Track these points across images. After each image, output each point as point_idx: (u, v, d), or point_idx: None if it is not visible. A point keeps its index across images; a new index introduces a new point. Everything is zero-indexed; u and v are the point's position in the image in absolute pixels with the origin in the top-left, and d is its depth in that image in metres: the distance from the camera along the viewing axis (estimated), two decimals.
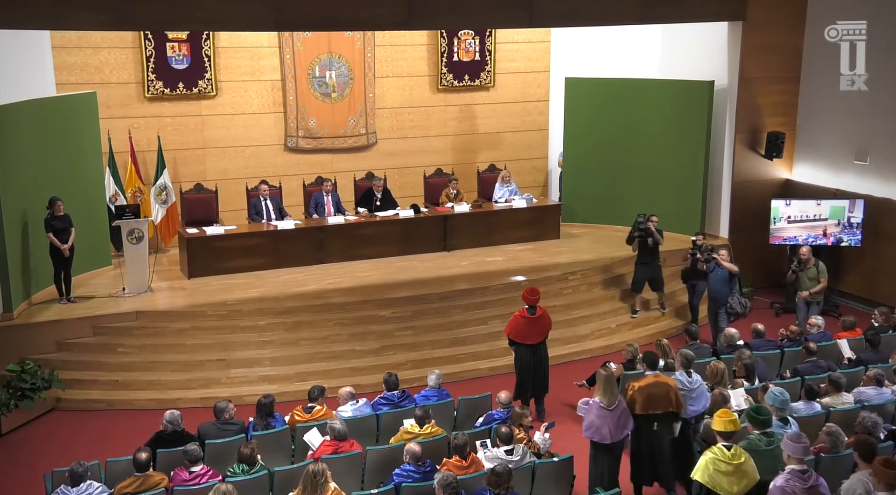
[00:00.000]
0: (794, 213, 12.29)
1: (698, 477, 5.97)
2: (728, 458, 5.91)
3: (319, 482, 5.94)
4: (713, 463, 5.94)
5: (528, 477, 6.77)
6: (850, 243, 12.01)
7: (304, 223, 12.02)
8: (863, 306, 12.19)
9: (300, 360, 10.04)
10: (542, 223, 13.06)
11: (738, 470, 5.91)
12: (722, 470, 5.91)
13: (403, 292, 10.89)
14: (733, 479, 5.89)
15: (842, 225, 12.05)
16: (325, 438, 7.00)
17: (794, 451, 5.61)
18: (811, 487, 5.50)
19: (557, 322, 10.56)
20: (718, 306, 10.47)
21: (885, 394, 7.84)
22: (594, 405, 7.10)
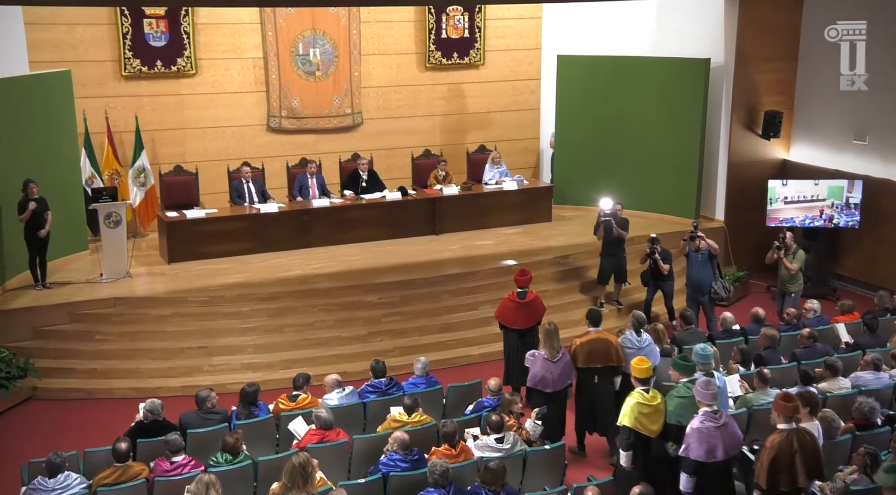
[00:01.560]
0: (791, 194, 12.33)
1: (627, 423, 6.68)
2: (648, 401, 6.69)
3: (307, 472, 5.95)
4: (637, 407, 6.67)
5: (518, 465, 6.81)
6: (848, 224, 12.06)
7: (287, 206, 11.98)
8: (861, 290, 12.27)
9: (284, 347, 10.03)
10: (534, 206, 13.06)
11: (656, 411, 6.70)
12: (644, 412, 6.67)
13: (391, 277, 10.88)
14: (653, 418, 6.69)
15: (839, 206, 12.08)
16: (311, 427, 7.01)
17: (703, 397, 6.38)
18: (723, 425, 6.30)
19: (550, 306, 10.59)
20: (702, 293, 10.44)
21: (883, 379, 7.91)
22: (538, 356, 7.81)
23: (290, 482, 5.90)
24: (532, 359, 7.92)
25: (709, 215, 13.18)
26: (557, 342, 7.84)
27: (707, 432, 6.26)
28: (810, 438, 6.05)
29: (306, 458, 5.99)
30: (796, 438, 5.98)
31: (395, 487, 6.41)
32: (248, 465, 6.57)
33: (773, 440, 6.01)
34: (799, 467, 5.93)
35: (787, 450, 5.94)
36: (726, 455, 6.31)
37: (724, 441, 6.28)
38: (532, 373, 7.86)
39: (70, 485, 6.21)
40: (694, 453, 6.27)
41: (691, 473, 6.30)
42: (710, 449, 6.25)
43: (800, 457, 5.94)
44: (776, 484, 5.97)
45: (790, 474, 5.95)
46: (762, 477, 5.98)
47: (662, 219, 13.05)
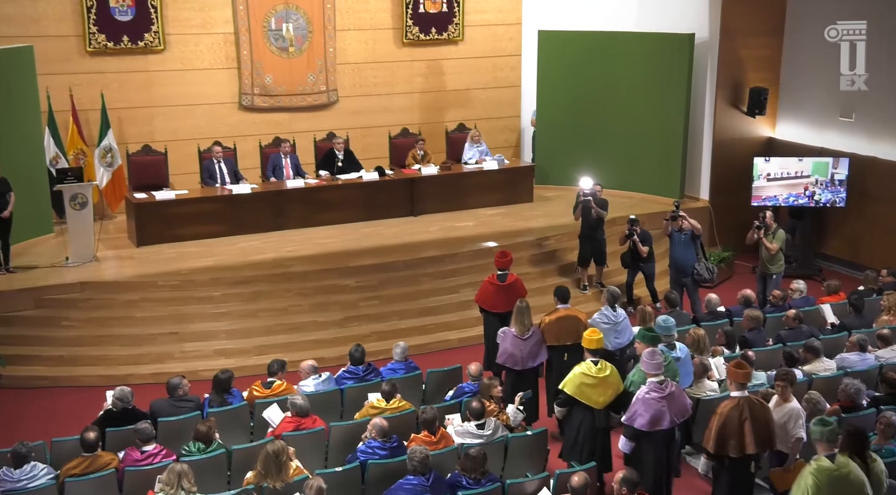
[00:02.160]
0: (774, 171, 12.35)
1: (567, 390, 6.90)
2: (595, 373, 6.88)
3: (282, 460, 5.97)
4: (581, 377, 6.88)
5: (500, 452, 6.83)
6: (834, 203, 12.13)
7: (260, 187, 11.91)
8: (847, 269, 12.39)
9: (258, 333, 10.00)
10: (515, 186, 13.05)
11: (604, 383, 6.88)
12: (588, 383, 6.87)
13: (368, 260, 10.85)
14: (599, 391, 6.88)
15: (824, 182, 12.13)
16: (286, 414, 7.00)
17: (648, 367, 6.62)
18: (669, 394, 6.56)
19: (532, 289, 10.59)
20: (685, 274, 10.48)
21: (869, 360, 7.99)
22: (508, 333, 7.91)
23: (263, 470, 5.93)
24: (502, 336, 8.03)
25: (693, 195, 13.23)
26: (528, 319, 7.93)
27: (653, 402, 6.53)
28: (762, 407, 6.29)
29: (281, 446, 6.00)
30: (747, 406, 6.23)
31: (373, 475, 6.41)
32: (222, 454, 6.55)
33: (723, 406, 6.30)
34: (748, 435, 6.19)
35: (736, 418, 6.21)
36: (672, 424, 6.59)
37: (670, 410, 6.55)
38: (501, 350, 7.98)
39: (37, 476, 6.17)
40: (639, 422, 6.55)
41: (631, 438, 6.63)
42: (654, 419, 6.51)
43: (749, 425, 6.19)
44: (724, 449, 6.26)
45: (739, 441, 6.21)
46: (710, 442, 6.28)
47: (646, 199, 13.08)
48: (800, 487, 5.59)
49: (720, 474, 6.46)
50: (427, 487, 5.94)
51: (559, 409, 7.05)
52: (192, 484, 5.81)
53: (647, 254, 10.71)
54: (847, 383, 7.12)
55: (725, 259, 12.30)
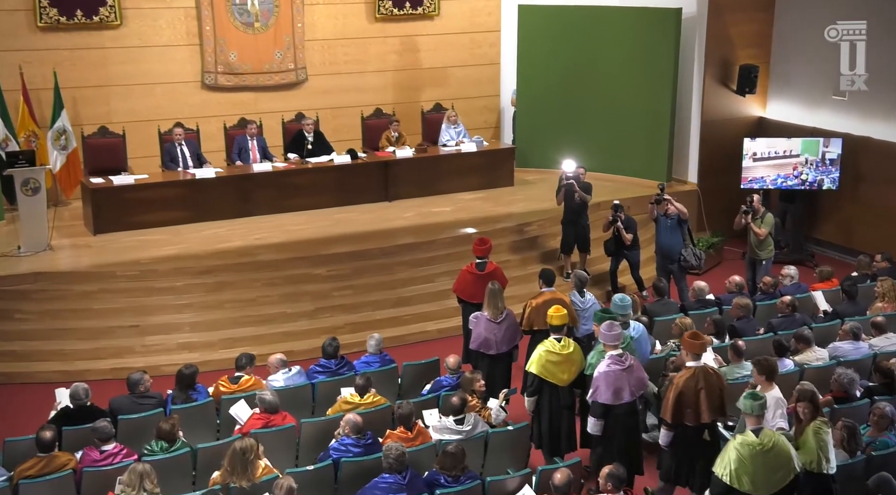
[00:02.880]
0: (760, 150, 12.41)
1: (533, 370, 7.22)
2: (559, 350, 7.21)
3: (248, 459, 5.99)
4: (546, 354, 7.20)
5: (480, 448, 6.86)
6: (815, 181, 12.18)
7: (225, 171, 11.85)
8: (840, 255, 12.51)
9: (225, 325, 9.98)
10: (494, 169, 13.05)
11: (568, 360, 7.23)
12: (553, 360, 7.20)
13: (340, 247, 10.84)
14: (563, 367, 7.22)
15: (814, 162, 12.19)
16: (255, 411, 7.00)
17: (607, 339, 6.97)
18: (628, 367, 6.92)
19: (512, 278, 10.62)
20: (671, 261, 10.55)
21: (862, 349, 8.08)
22: (481, 317, 8.08)
23: (230, 467, 5.94)
24: (475, 320, 8.17)
25: (681, 177, 13.30)
26: (501, 302, 8.08)
27: (614, 375, 6.86)
28: (715, 377, 6.76)
29: (249, 444, 6.02)
30: (702, 376, 6.66)
31: (347, 474, 6.42)
32: (186, 453, 6.54)
33: (679, 377, 6.71)
34: (703, 403, 6.64)
35: (692, 387, 6.64)
36: (632, 396, 6.95)
37: (630, 383, 6.91)
38: (475, 335, 8.11)
39: None
40: (602, 396, 6.87)
41: (599, 416, 6.92)
42: (616, 392, 6.87)
43: (704, 394, 6.63)
44: (681, 418, 6.68)
45: (695, 410, 6.66)
46: (668, 412, 6.70)
47: (632, 182, 13.14)
48: (723, 460, 5.97)
49: (676, 443, 6.81)
50: (403, 486, 5.96)
51: (530, 400, 7.28)
52: (154, 486, 5.80)
53: (631, 241, 10.76)
54: (840, 373, 7.20)
55: (714, 245, 12.39)
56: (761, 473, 5.86)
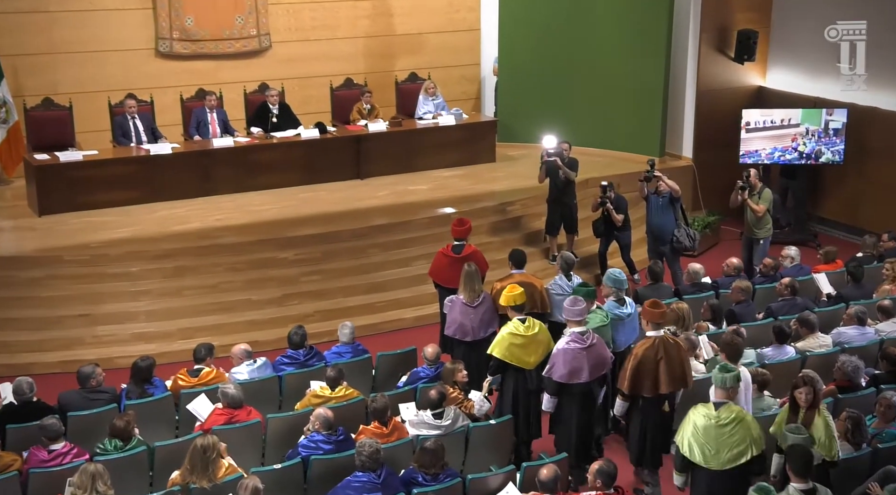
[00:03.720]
0: (755, 119, 12.39)
1: (496, 354, 7.29)
2: (523, 331, 7.29)
3: (210, 458, 5.98)
4: (510, 337, 7.28)
5: (460, 443, 6.88)
6: (818, 154, 12.23)
7: (182, 147, 11.79)
8: (844, 234, 12.60)
9: (184, 314, 9.95)
10: (475, 144, 13.04)
11: (533, 341, 7.31)
12: (517, 343, 7.28)
13: (308, 229, 10.82)
14: (529, 350, 7.30)
15: (816, 133, 12.20)
16: (217, 406, 6.98)
17: (570, 314, 7.09)
18: (590, 346, 7.04)
19: (494, 261, 10.62)
20: (663, 242, 10.57)
21: (868, 334, 8.15)
22: (457, 301, 8.09)
23: (190, 467, 5.95)
24: (450, 304, 8.19)
25: (675, 152, 13.34)
26: (479, 285, 8.13)
27: (572, 353, 7.00)
28: (676, 347, 6.96)
29: (211, 442, 6.00)
30: (662, 346, 6.88)
31: (317, 472, 6.42)
32: (143, 452, 6.52)
33: (639, 347, 6.94)
34: (662, 374, 6.87)
35: (652, 358, 6.87)
36: (591, 377, 7.07)
37: (589, 363, 7.03)
38: (449, 320, 8.14)
39: None
40: (557, 374, 7.02)
41: (553, 393, 7.10)
42: (573, 371, 7.01)
43: (664, 365, 6.86)
44: (639, 389, 6.93)
45: (653, 381, 6.89)
46: (625, 382, 6.94)
47: (622, 158, 13.16)
48: (681, 429, 6.24)
49: (633, 415, 7.08)
50: (378, 485, 5.97)
51: (491, 378, 7.40)
52: (108, 487, 5.78)
53: (622, 222, 10.77)
54: (844, 360, 7.26)
55: (711, 224, 12.45)
56: (713, 446, 6.05)
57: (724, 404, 6.15)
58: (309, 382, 7.52)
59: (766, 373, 7.06)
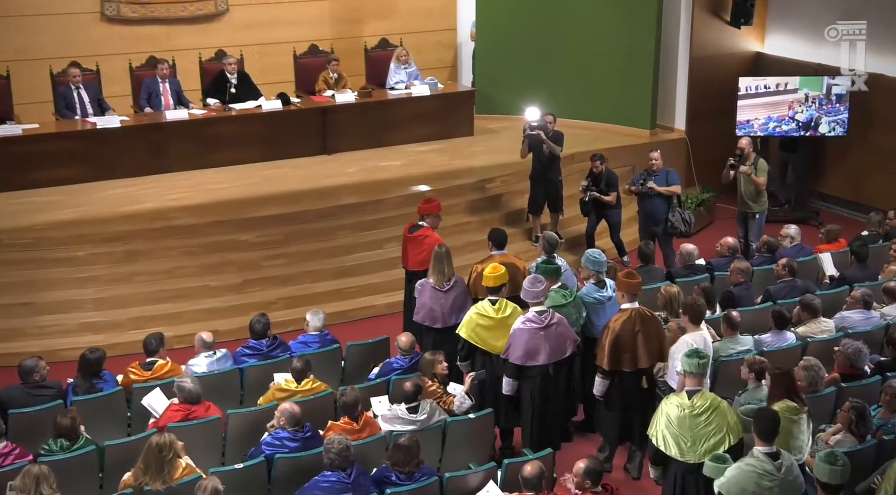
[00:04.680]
0: (747, 85, 12.34)
1: (463, 334, 7.47)
2: (491, 313, 7.43)
3: (166, 458, 5.96)
4: (477, 318, 7.44)
5: (437, 439, 6.90)
6: (825, 127, 12.28)
7: (133, 119, 11.76)
8: (848, 211, 12.70)
9: (135, 302, 9.93)
10: (451, 116, 13.05)
11: (502, 325, 7.40)
12: (484, 325, 7.43)
13: (271, 209, 10.81)
14: (497, 334, 7.42)
15: (817, 99, 12.21)
16: (172, 401, 6.97)
17: (529, 296, 7.23)
18: (548, 326, 7.18)
19: (472, 243, 10.67)
20: (656, 223, 10.63)
21: (873, 319, 8.22)
22: (426, 285, 8.18)
23: (144, 468, 5.94)
24: (419, 288, 8.29)
25: (667, 124, 13.38)
26: (449, 267, 8.17)
27: (528, 333, 7.14)
28: (652, 320, 7.22)
29: (168, 440, 5.98)
30: (639, 319, 7.11)
31: (282, 472, 6.43)
32: (92, 452, 6.50)
33: (615, 321, 7.15)
34: (641, 347, 7.09)
35: (629, 331, 7.09)
36: (549, 359, 7.22)
37: (548, 344, 7.17)
38: (419, 305, 8.22)
39: None
40: (513, 355, 7.19)
41: (511, 376, 7.27)
42: (529, 352, 7.16)
43: (642, 337, 7.09)
44: (618, 364, 7.14)
45: (632, 354, 7.11)
46: (604, 358, 7.12)
47: (610, 131, 13.20)
48: (654, 421, 6.36)
49: (612, 392, 7.24)
50: (348, 485, 5.98)
51: (462, 364, 7.59)
52: (53, 490, 5.75)
53: (614, 200, 10.81)
54: (846, 343, 7.31)
55: (705, 202, 12.51)
56: (688, 438, 6.16)
57: (697, 391, 6.27)
58: (273, 375, 7.51)
59: (764, 361, 7.08)
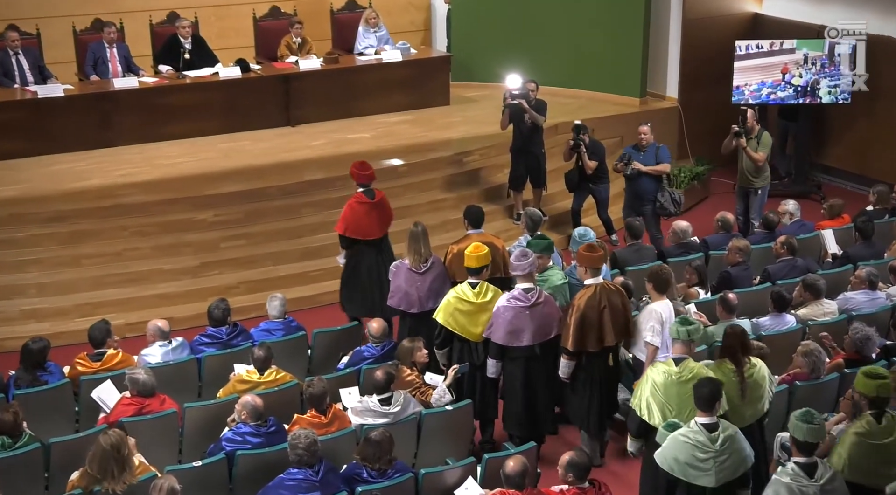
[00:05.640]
0: (743, 47, 12.25)
1: (440, 319, 7.50)
2: (471, 297, 7.44)
3: (122, 455, 5.91)
4: (455, 302, 7.46)
5: (412, 433, 6.92)
6: (825, 92, 12.31)
7: (78, 88, 11.71)
8: (852, 185, 12.77)
9: (82, 287, 9.89)
10: (426, 83, 13.04)
11: (482, 310, 7.44)
12: (463, 309, 7.46)
13: (230, 186, 10.77)
14: (476, 319, 7.46)
15: (818, 61, 12.21)
16: (124, 394, 6.95)
17: (517, 269, 7.30)
18: (534, 305, 7.25)
19: (449, 222, 10.67)
20: (644, 201, 10.62)
21: (879, 299, 8.27)
22: (402, 267, 8.19)
23: (100, 472, 5.88)
24: (394, 270, 8.29)
25: (658, 91, 13.40)
26: (426, 247, 8.17)
27: (512, 312, 7.21)
28: (618, 293, 7.33)
29: (119, 438, 5.95)
30: (604, 294, 7.20)
31: (244, 470, 6.43)
32: (36, 450, 6.48)
33: (579, 298, 7.20)
34: (607, 324, 7.18)
35: (595, 308, 7.16)
36: (533, 340, 7.29)
37: (533, 323, 7.25)
38: (393, 289, 8.22)
39: None
40: (496, 335, 7.27)
41: (495, 357, 7.36)
42: (513, 332, 7.23)
43: (609, 313, 7.18)
44: (584, 344, 7.20)
45: (598, 332, 7.19)
46: (569, 339, 7.16)
47: (597, 99, 13.22)
48: (638, 390, 6.50)
49: (577, 374, 7.32)
50: (315, 483, 5.98)
51: (439, 353, 7.62)
52: None
53: (595, 169, 10.74)
54: (855, 327, 7.35)
55: (699, 175, 12.54)
56: (674, 406, 6.27)
57: (683, 359, 6.43)
58: (233, 365, 7.51)
59: (762, 346, 7.14)
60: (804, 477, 5.60)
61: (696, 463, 5.82)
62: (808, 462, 5.67)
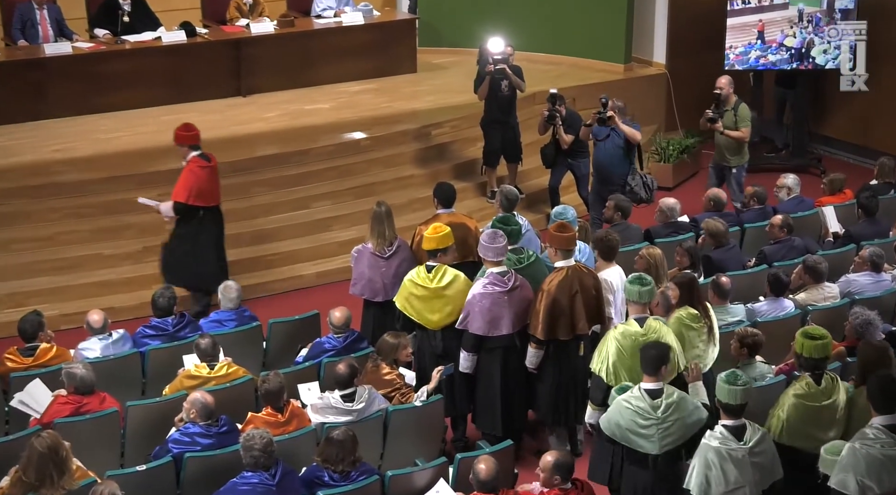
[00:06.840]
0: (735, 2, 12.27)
1: (398, 303, 7.60)
2: (426, 282, 7.48)
3: (60, 458, 5.88)
4: (410, 286, 7.54)
5: (377, 432, 6.94)
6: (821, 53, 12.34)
7: (4, 54, 11.71)
8: (855, 157, 12.86)
9: (12, 274, 9.85)
10: (390, 49, 13.07)
11: (438, 296, 7.50)
12: (417, 294, 7.52)
13: (175, 162, 10.55)
14: (433, 305, 7.51)
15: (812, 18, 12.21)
16: (59, 392, 6.92)
17: (486, 253, 7.31)
18: (511, 288, 7.30)
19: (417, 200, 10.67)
20: (611, 186, 10.44)
21: (884, 282, 8.33)
22: (364, 251, 8.24)
23: (38, 478, 5.83)
24: (356, 255, 8.32)
25: (644, 57, 13.44)
26: (390, 230, 8.19)
27: (490, 299, 7.25)
28: (590, 276, 7.40)
29: (55, 439, 5.91)
30: (577, 277, 7.23)
31: (193, 473, 6.41)
32: None
33: (549, 281, 7.23)
34: (579, 311, 7.23)
35: (567, 293, 7.19)
36: (513, 328, 7.34)
37: (511, 310, 7.28)
38: (356, 275, 8.27)
39: None
40: (473, 325, 7.27)
41: (471, 350, 7.37)
42: (493, 320, 7.26)
43: (581, 299, 7.22)
44: (554, 332, 7.23)
45: (569, 319, 7.22)
46: (539, 327, 7.18)
47: (579, 66, 13.26)
48: (600, 354, 6.66)
49: (545, 365, 7.37)
50: (272, 487, 5.98)
51: (443, 369, 7.38)
52: None
53: (572, 143, 10.71)
54: (856, 312, 7.38)
55: (688, 149, 12.57)
56: (641, 367, 6.36)
57: (644, 319, 6.64)
58: (181, 359, 7.49)
59: (757, 334, 7.16)
60: (732, 440, 5.81)
61: (638, 429, 6.05)
62: (737, 424, 5.88)
